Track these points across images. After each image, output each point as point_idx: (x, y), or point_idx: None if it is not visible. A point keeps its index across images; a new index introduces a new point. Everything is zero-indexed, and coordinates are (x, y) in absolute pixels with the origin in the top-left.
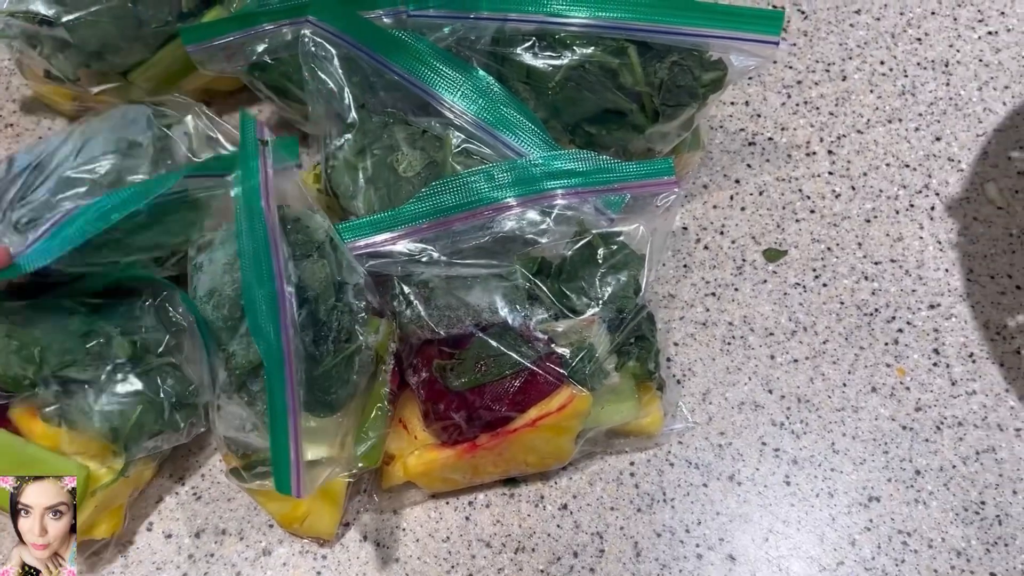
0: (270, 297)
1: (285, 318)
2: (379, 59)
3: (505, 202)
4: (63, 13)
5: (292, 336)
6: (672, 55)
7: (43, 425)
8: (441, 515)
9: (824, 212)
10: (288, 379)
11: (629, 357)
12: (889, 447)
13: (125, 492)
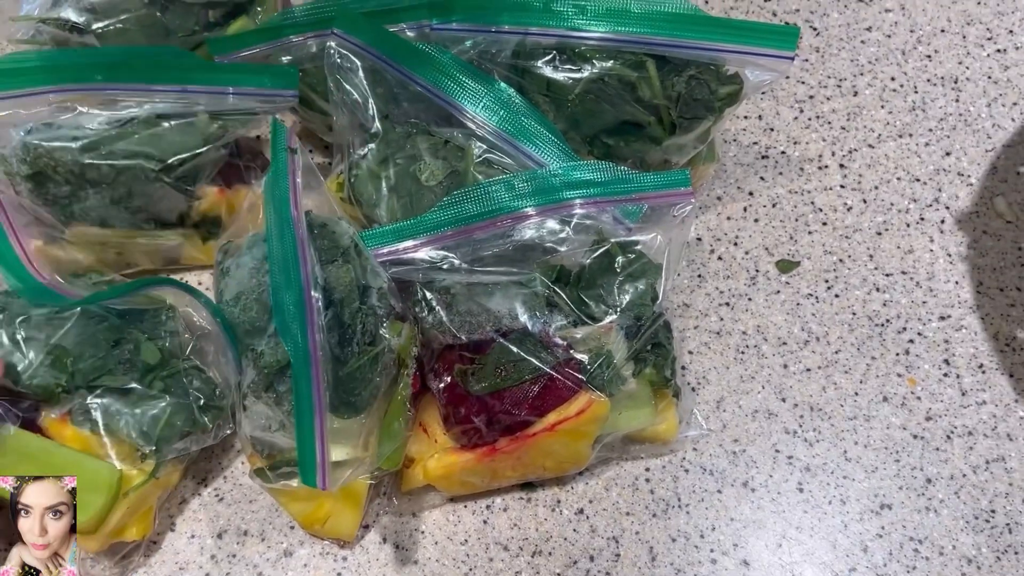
0: (298, 300)
1: (312, 320)
2: (403, 71)
3: (525, 211)
4: (93, 21)
5: (319, 337)
6: (689, 69)
7: (73, 429)
8: (459, 518)
9: (836, 224)
10: (315, 378)
11: (646, 364)
12: (900, 455)
13: (155, 494)
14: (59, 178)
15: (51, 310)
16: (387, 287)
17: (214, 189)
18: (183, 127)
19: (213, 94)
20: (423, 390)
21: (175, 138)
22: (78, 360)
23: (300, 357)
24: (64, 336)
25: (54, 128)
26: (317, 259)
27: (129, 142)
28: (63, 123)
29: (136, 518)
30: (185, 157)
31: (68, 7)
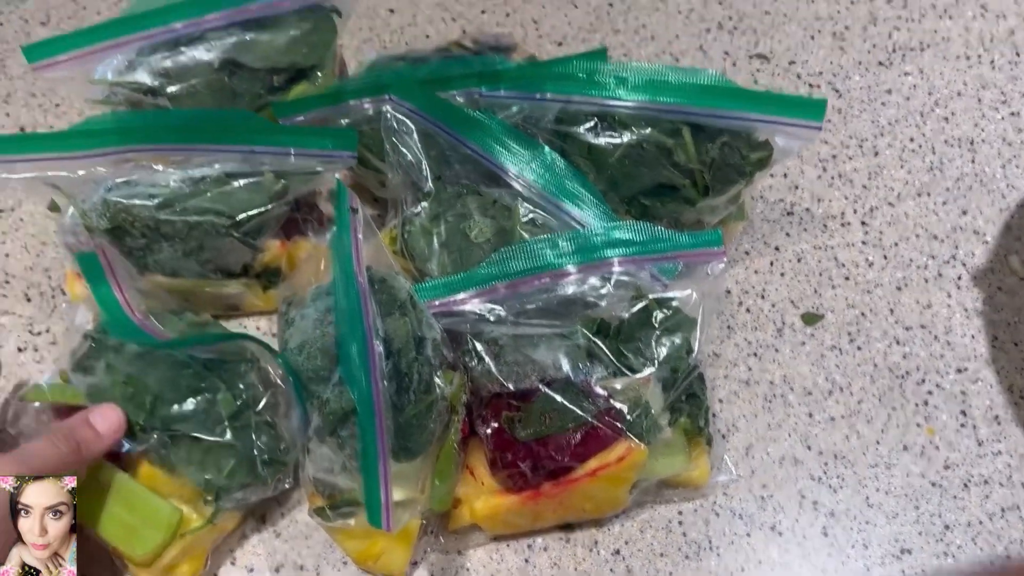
0: (362, 351)
1: (375, 370)
2: (454, 134)
3: (568, 268)
4: (167, 84)
5: (382, 385)
6: (723, 136)
7: (147, 464)
8: (502, 557)
9: (858, 279)
10: (378, 424)
11: (681, 413)
12: (920, 502)
13: (210, 538)
14: (136, 232)
15: (143, 348)
16: (440, 338)
17: (276, 242)
18: (251, 186)
19: (276, 154)
20: (469, 435)
21: (244, 196)
22: (157, 400)
23: (365, 404)
24: (148, 375)
25: (132, 185)
26: (377, 312)
27: (201, 199)
28: (140, 181)
29: (189, 558)
30: (253, 214)
31: (143, 71)
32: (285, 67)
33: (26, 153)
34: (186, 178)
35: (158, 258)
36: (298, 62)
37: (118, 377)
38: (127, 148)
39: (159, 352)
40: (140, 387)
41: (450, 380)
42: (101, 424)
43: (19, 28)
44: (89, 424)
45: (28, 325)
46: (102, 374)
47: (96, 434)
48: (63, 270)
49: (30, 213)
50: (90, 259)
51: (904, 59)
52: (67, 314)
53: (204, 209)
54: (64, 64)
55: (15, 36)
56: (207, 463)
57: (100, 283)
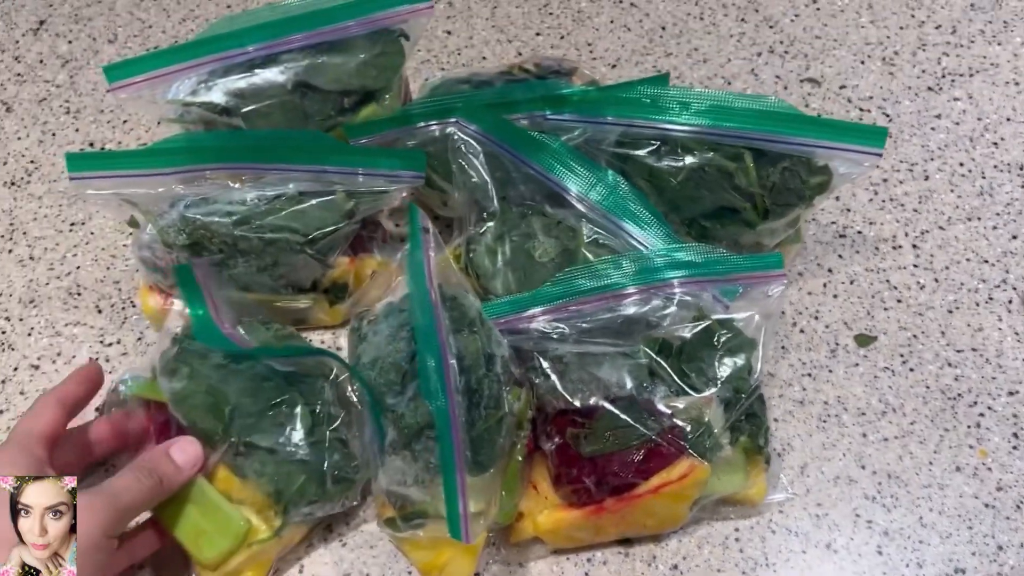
0: (439, 366)
1: (451, 385)
2: (519, 156)
3: (631, 288)
4: (242, 105)
5: (457, 400)
6: (783, 161)
7: (225, 471)
8: (563, 570)
9: (910, 302)
10: (455, 438)
11: (741, 432)
12: (973, 523)
13: (276, 549)
14: (213, 248)
15: (226, 357)
16: (508, 355)
17: (345, 259)
18: (324, 204)
19: (346, 174)
20: (532, 450)
21: (317, 214)
22: (236, 410)
23: (443, 418)
24: (230, 384)
25: (209, 203)
26: (449, 328)
27: (277, 217)
28: (217, 198)
29: (254, 566)
30: (326, 231)
31: (217, 91)
32: (355, 89)
33: (104, 170)
34: (261, 196)
35: (233, 273)
36: (368, 84)
37: (200, 385)
38: (202, 167)
39: (242, 363)
40: (220, 396)
41: (517, 396)
42: (180, 457)
43: (88, 46)
44: (169, 457)
45: (99, 336)
46: (186, 380)
47: (176, 468)
48: (133, 283)
49: (100, 227)
50: (185, 270)
51: (953, 84)
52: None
53: (279, 226)
54: (140, 84)
55: (84, 54)
56: (279, 476)
57: (193, 292)
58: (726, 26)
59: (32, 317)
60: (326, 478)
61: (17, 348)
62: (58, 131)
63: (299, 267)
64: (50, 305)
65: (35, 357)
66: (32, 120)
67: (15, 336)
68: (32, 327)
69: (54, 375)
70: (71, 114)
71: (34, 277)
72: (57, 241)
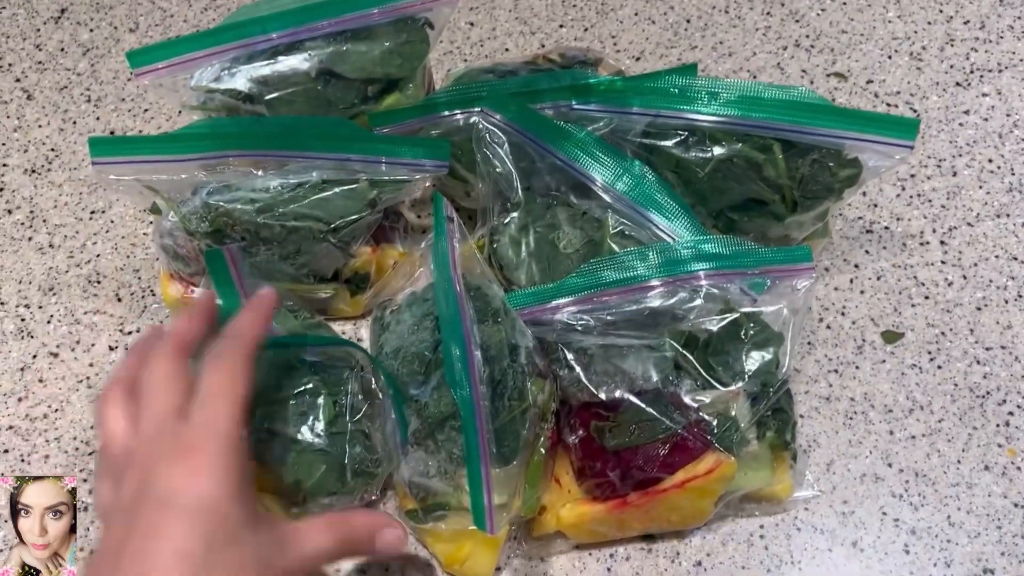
0: (463, 356)
1: (475, 375)
2: (544, 146)
3: (657, 280)
4: (265, 92)
5: (481, 390)
6: (813, 153)
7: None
8: (585, 565)
9: (938, 299)
10: (480, 428)
11: (768, 428)
12: (1002, 523)
13: None
14: (236, 235)
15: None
16: (532, 347)
17: (367, 248)
18: (347, 192)
19: (369, 163)
20: (555, 443)
21: (340, 203)
22: (260, 396)
23: (468, 408)
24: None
25: (232, 190)
26: (473, 318)
27: (299, 205)
28: (240, 185)
29: None
30: (349, 220)
31: (240, 78)
32: (379, 77)
33: (126, 155)
34: (284, 184)
35: (255, 261)
36: (391, 73)
37: None
38: (225, 153)
39: (268, 348)
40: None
41: (541, 388)
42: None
43: (109, 35)
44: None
45: (119, 325)
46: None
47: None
48: (153, 271)
49: (120, 215)
50: (217, 255)
51: (982, 80)
52: (156, 315)
53: (302, 215)
54: (163, 71)
55: (105, 42)
56: (299, 465)
57: (223, 279)
58: (751, 19)
59: (51, 305)
60: (346, 471)
61: (36, 336)
62: (79, 119)
63: (321, 256)
64: (70, 293)
65: (54, 345)
66: (53, 108)
67: (34, 324)
68: (51, 315)
69: (73, 363)
70: (92, 102)
71: (54, 265)
72: (77, 229)
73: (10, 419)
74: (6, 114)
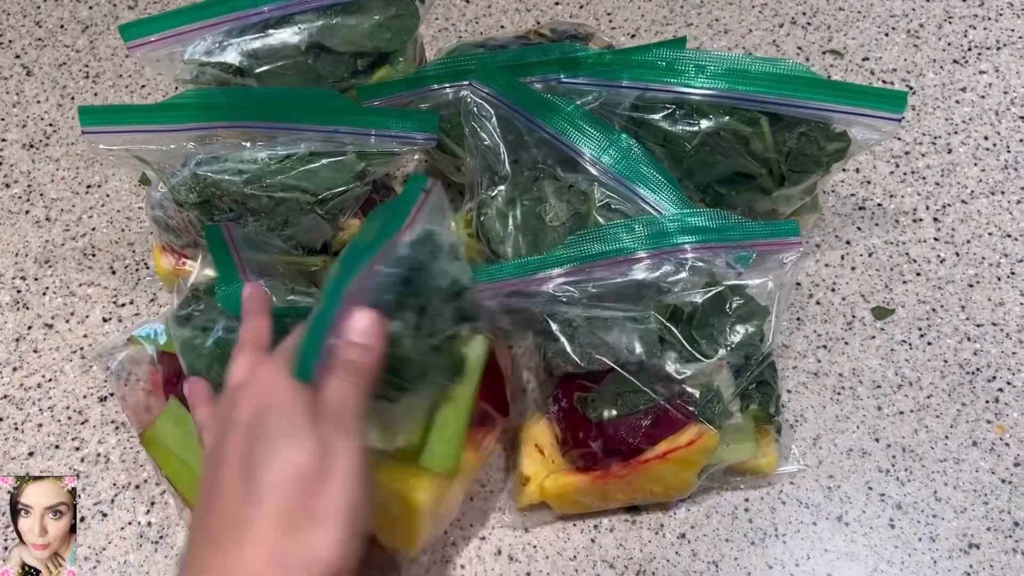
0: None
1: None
2: (532, 119)
3: (642, 253)
4: (255, 65)
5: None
6: (800, 126)
7: None
8: (569, 535)
9: (929, 275)
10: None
11: (752, 400)
12: (989, 498)
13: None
14: (223, 206)
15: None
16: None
17: (355, 221)
18: (335, 164)
19: (358, 135)
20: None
21: (328, 175)
22: None
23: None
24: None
25: (220, 161)
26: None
27: (287, 176)
28: (228, 156)
29: None
30: (336, 192)
31: (231, 52)
32: (369, 51)
33: (116, 125)
34: (272, 155)
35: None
36: (381, 47)
37: (209, 337)
38: (213, 124)
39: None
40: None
41: (468, 342)
42: (360, 337)
43: (108, 12)
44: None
45: (113, 297)
46: (196, 330)
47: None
48: (147, 245)
49: (116, 190)
50: (214, 230)
51: (980, 57)
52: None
53: (290, 186)
54: (156, 44)
55: (104, 19)
56: None
57: (221, 251)
58: None
59: (47, 277)
60: None
61: (32, 307)
62: (77, 95)
63: (309, 228)
64: (65, 265)
65: (49, 316)
66: (52, 84)
67: (30, 295)
68: (47, 287)
69: (67, 334)
70: (90, 78)
71: (50, 238)
72: (73, 203)
73: (5, 388)
74: (5, 90)
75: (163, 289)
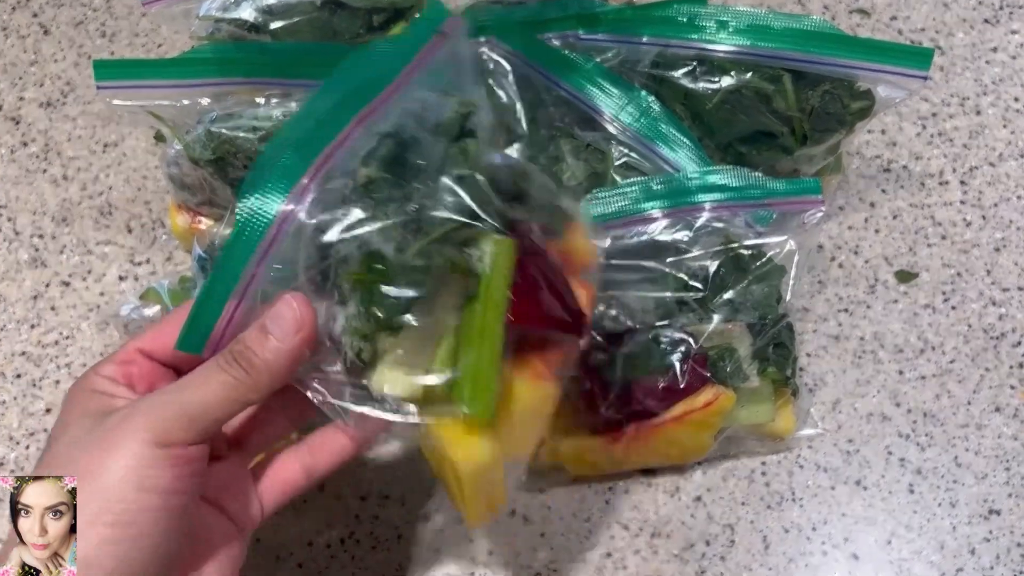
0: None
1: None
2: (550, 76)
3: (661, 212)
4: (270, 21)
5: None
6: (824, 84)
7: None
8: (583, 497)
9: (955, 239)
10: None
11: (768, 362)
12: (1011, 464)
13: None
14: (238, 163)
15: None
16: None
17: None
18: None
19: None
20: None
21: None
22: None
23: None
24: None
25: (235, 118)
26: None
27: None
28: (243, 113)
29: None
30: None
31: (246, 7)
32: (385, 6)
33: (130, 79)
34: (287, 112)
35: None
36: (397, 2)
37: None
38: (228, 80)
39: None
40: None
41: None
42: (276, 329)
43: None
44: (261, 332)
45: (129, 255)
46: None
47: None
48: (164, 204)
49: (132, 148)
50: None
51: (1012, 17)
52: (166, 246)
53: None
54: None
55: None
56: None
57: None
58: None
59: (64, 235)
60: None
61: (49, 265)
62: (94, 54)
63: None
64: (82, 224)
65: (66, 274)
66: (69, 43)
67: (47, 253)
68: (64, 245)
69: (84, 292)
70: (107, 37)
71: (67, 196)
72: (90, 161)
73: (23, 345)
74: (23, 48)
75: (179, 248)
